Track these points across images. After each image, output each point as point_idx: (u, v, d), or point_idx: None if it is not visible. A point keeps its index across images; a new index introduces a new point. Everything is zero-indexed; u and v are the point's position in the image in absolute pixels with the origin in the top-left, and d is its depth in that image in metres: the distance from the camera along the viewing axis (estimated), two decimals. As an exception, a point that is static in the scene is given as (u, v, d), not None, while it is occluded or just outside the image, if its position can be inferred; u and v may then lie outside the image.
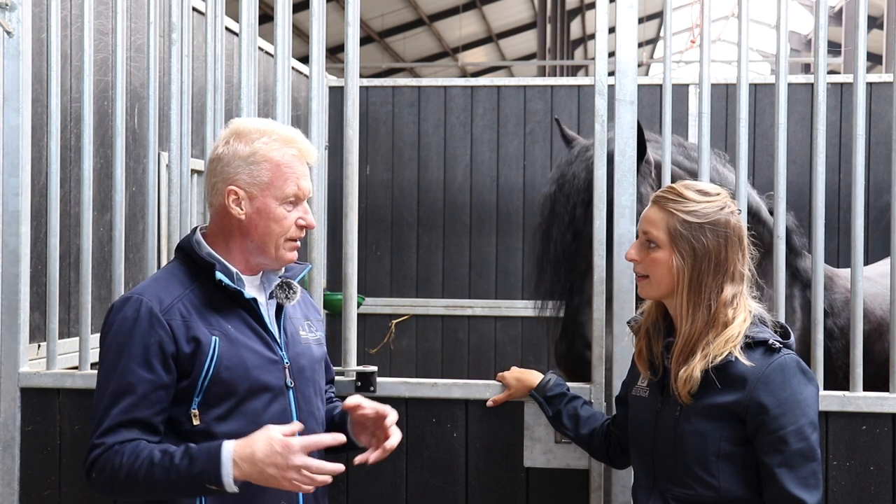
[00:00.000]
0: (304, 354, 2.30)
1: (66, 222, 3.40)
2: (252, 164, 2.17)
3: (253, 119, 2.27)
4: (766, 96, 5.58)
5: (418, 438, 2.85)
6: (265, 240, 2.20)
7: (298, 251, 2.30)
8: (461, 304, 6.05)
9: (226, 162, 2.19)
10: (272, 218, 2.19)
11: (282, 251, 2.23)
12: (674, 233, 2.19)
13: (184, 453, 2.01)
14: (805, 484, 2.09)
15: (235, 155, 2.18)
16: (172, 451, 2.02)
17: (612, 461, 2.56)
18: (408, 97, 6.09)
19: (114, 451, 2.04)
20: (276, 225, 2.19)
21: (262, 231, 2.19)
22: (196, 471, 1.99)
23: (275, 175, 2.18)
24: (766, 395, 2.10)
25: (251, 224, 2.19)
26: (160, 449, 2.04)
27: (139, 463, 2.02)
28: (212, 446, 2.01)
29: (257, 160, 2.17)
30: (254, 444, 1.98)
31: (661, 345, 2.29)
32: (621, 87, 2.84)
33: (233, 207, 2.18)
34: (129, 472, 2.02)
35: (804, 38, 22.09)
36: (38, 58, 3.15)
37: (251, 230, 2.20)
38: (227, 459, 1.98)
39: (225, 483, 1.98)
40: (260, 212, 2.18)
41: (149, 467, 2.01)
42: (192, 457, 2.00)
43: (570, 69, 23.62)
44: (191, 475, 1.99)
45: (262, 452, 1.96)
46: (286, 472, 1.96)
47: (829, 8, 2.99)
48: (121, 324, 2.12)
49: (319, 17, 2.96)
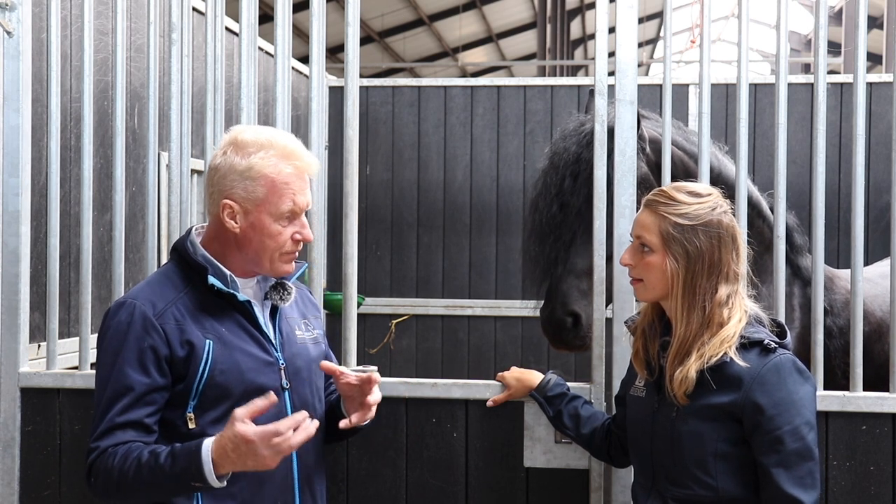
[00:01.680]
0: (299, 355, 2.29)
1: (66, 222, 3.40)
2: (248, 179, 2.15)
3: (253, 128, 2.24)
4: (766, 96, 5.58)
5: (418, 438, 2.84)
6: (259, 254, 2.19)
7: (298, 252, 2.30)
8: (461, 304, 6.05)
9: (222, 174, 2.17)
10: (266, 234, 2.17)
11: (277, 264, 2.21)
12: (666, 236, 2.19)
13: (168, 453, 2.02)
14: (802, 484, 2.09)
15: (232, 168, 2.16)
16: (159, 452, 2.03)
17: (613, 460, 2.56)
18: (408, 97, 6.08)
19: (108, 454, 2.06)
20: (270, 241, 2.18)
21: (256, 246, 2.18)
22: (179, 469, 2.00)
23: (270, 192, 2.15)
24: (762, 396, 2.10)
25: (245, 238, 2.18)
26: (149, 450, 2.04)
27: (129, 464, 2.03)
28: (192, 445, 2.01)
29: (253, 176, 2.15)
30: (225, 443, 1.97)
31: (657, 345, 2.29)
32: (621, 87, 2.84)
33: (227, 221, 2.17)
34: (120, 473, 2.03)
35: (804, 38, 22.09)
36: (38, 58, 3.15)
37: (245, 244, 2.19)
38: (206, 457, 1.98)
39: (209, 480, 1.98)
40: (254, 227, 2.17)
41: (137, 468, 2.02)
42: (175, 456, 2.01)
43: (570, 69, 23.63)
44: (174, 474, 2.00)
45: (233, 452, 1.96)
46: (261, 460, 1.96)
47: (829, 8, 2.99)
48: (115, 329, 2.13)
49: (319, 17, 2.96)
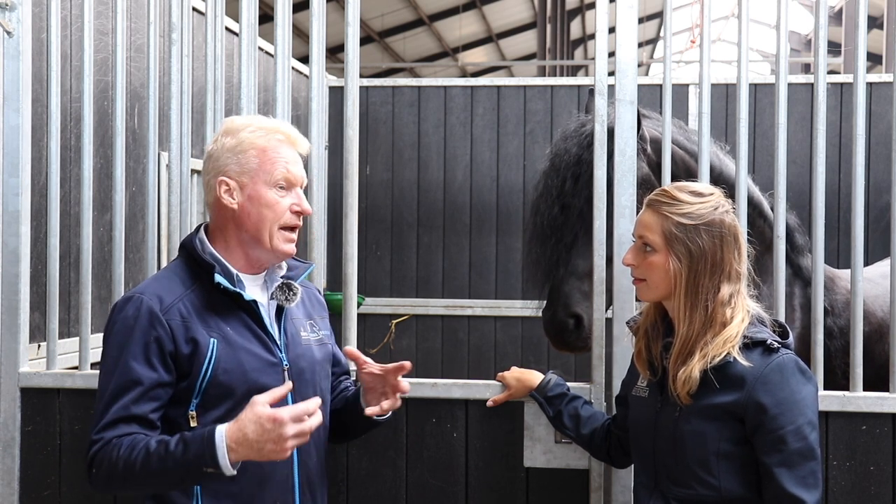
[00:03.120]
0: (304, 356, 2.29)
1: (66, 222, 3.40)
2: (239, 153, 2.20)
3: (242, 116, 2.30)
4: (766, 96, 5.58)
5: (418, 438, 2.84)
6: (259, 227, 2.20)
7: (299, 251, 2.30)
8: (461, 304, 6.05)
9: (215, 157, 2.23)
10: (264, 203, 2.19)
11: (276, 240, 2.21)
12: (669, 236, 2.20)
13: (178, 440, 2.02)
14: (804, 483, 2.09)
15: (223, 148, 2.22)
16: (168, 440, 2.03)
17: (613, 461, 2.56)
18: (408, 97, 6.08)
19: (111, 445, 2.05)
20: (268, 210, 2.19)
21: (255, 219, 2.19)
22: (191, 455, 1.99)
23: (262, 160, 2.20)
24: (765, 395, 2.10)
25: (244, 213, 2.20)
26: (156, 439, 2.04)
27: (135, 454, 2.02)
28: (205, 431, 2.01)
29: (244, 148, 2.20)
30: (244, 426, 1.97)
31: (659, 345, 2.29)
32: (621, 87, 2.84)
33: (224, 198, 2.20)
34: (125, 463, 2.03)
35: (804, 38, 22.09)
36: (38, 58, 3.15)
37: (244, 219, 2.20)
38: (220, 442, 1.97)
39: (222, 465, 1.97)
40: (251, 199, 2.19)
41: (145, 457, 2.01)
42: (186, 443, 2.00)
43: (570, 69, 23.62)
44: (186, 460, 1.99)
45: (253, 434, 1.96)
46: (282, 444, 1.96)
47: (829, 8, 2.99)
48: (122, 323, 2.13)
49: (319, 17, 2.96)
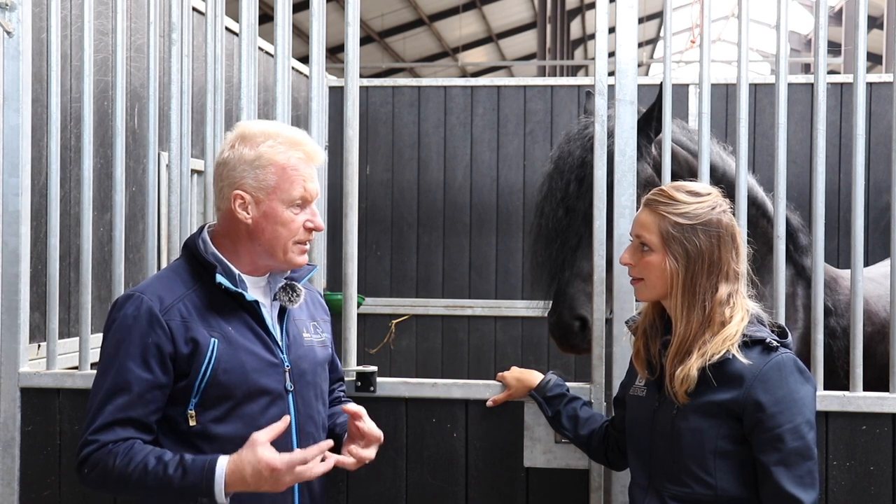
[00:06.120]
0: (305, 357, 2.28)
1: (66, 222, 3.40)
2: (257, 168, 2.15)
3: (258, 122, 2.25)
4: (766, 96, 5.58)
5: (418, 438, 2.84)
6: (273, 244, 2.18)
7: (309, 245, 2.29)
8: (461, 304, 6.05)
9: (231, 166, 2.17)
10: (279, 222, 2.16)
11: (290, 254, 2.20)
12: (666, 235, 2.20)
13: (178, 464, 2.02)
14: (801, 482, 2.09)
15: (241, 159, 2.16)
16: (167, 460, 2.02)
17: (610, 463, 2.56)
18: (408, 97, 6.08)
19: (107, 451, 2.05)
20: (283, 229, 2.17)
21: (269, 235, 2.17)
22: (188, 483, 2.01)
23: (281, 178, 2.15)
24: (763, 394, 2.11)
25: (258, 228, 2.17)
26: (155, 455, 2.04)
27: (132, 467, 2.02)
28: (206, 460, 2.02)
29: (262, 164, 2.15)
30: (243, 467, 1.99)
31: (658, 344, 2.29)
32: (621, 87, 2.84)
33: (239, 212, 2.16)
34: (121, 474, 2.03)
35: (804, 38, 22.09)
36: (38, 58, 3.15)
37: (258, 234, 2.18)
38: (220, 477, 2.00)
39: (217, 499, 2.01)
40: (267, 216, 2.16)
41: (142, 473, 2.02)
42: (185, 469, 2.01)
43: (570, 69, 23.63)
44: (183, 486, 2.01)
45: (251, 477, 1.99)
46: (278, 486, 2.01)
47: (829, 8, 2.99)
48: (121, 321, 2.13)
49: (319, 17, 2.96)
